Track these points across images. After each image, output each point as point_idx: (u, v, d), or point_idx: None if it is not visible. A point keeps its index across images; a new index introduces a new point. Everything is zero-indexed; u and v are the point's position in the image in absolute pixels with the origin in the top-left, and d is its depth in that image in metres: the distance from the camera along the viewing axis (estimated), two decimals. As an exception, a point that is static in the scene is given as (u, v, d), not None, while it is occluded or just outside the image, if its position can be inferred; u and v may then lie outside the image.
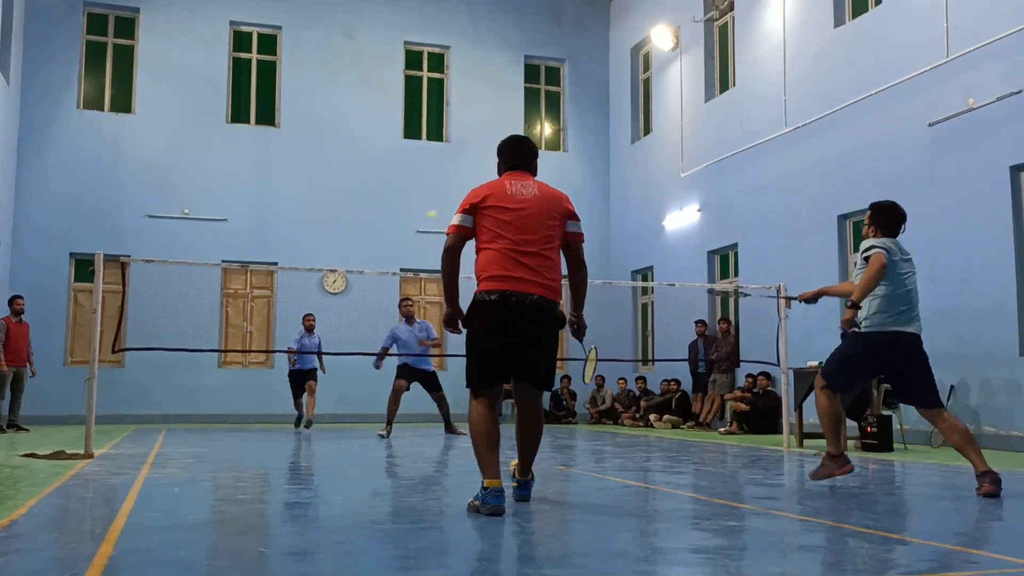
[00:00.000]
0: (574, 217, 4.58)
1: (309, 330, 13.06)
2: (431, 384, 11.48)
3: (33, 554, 3.21)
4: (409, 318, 11.65)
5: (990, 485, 4.92)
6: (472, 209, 4.43)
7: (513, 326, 4.31)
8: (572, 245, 4.58)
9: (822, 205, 12.45)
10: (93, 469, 6.48)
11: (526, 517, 4.19)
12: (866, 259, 5.42)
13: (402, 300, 12.25)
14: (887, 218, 5.63)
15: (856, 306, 5.32)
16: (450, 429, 11.60)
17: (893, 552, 3.34)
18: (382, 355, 11.37)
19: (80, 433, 8.47)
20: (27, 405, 12.96)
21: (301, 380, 13.11)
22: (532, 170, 4.66)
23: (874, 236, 5.59)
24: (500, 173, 4.65)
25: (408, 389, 11.48)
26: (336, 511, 4.52)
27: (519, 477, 4.63)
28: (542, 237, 4.40)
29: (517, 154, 4.63)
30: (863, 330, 5.40)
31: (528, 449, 4.56)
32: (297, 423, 13.23)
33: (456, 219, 4.42)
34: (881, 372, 5.74)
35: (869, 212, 5.72)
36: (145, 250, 14.82)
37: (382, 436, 10.84)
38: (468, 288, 4.40)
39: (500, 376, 4.41)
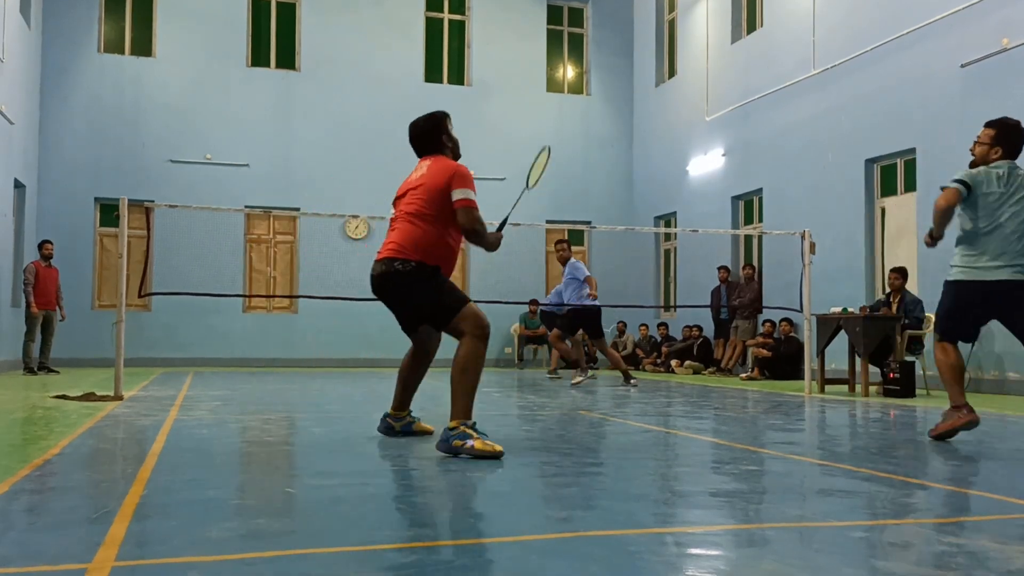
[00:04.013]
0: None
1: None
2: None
3: (66, 492, 3.30)
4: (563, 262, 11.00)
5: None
6: None
7: None
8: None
9: (849, 149, 12.25)
10: (123, 410, 6.62)
11: (546, 460, 4.24)
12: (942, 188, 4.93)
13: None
14: (1015, 137, 4.99)
15: (933, 237, 5.00)
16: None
17: (913, 496, 3.35)
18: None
19: (109, 375, 8.63)
20: (57, 348, 13.20)
21: (551, 324, 12.58)
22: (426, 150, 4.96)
23: (997, 157, 4.98)
24: None
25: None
26: (363, 451, 4.59)
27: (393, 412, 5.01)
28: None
29: None
30: (950, 278, 5.01)
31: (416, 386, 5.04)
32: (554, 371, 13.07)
33: None
34: (989, 315, 5.02)
35: (992, 130, 5.04)
36: (168, 195, 14.90)
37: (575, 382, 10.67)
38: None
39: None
